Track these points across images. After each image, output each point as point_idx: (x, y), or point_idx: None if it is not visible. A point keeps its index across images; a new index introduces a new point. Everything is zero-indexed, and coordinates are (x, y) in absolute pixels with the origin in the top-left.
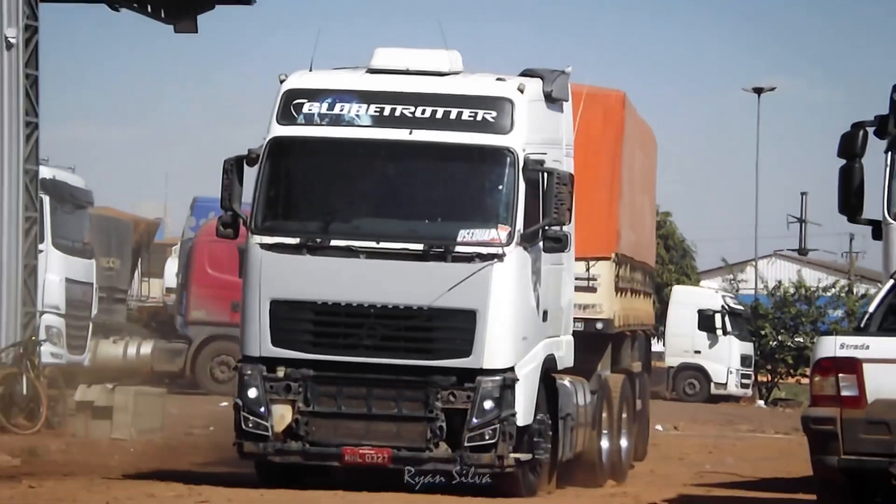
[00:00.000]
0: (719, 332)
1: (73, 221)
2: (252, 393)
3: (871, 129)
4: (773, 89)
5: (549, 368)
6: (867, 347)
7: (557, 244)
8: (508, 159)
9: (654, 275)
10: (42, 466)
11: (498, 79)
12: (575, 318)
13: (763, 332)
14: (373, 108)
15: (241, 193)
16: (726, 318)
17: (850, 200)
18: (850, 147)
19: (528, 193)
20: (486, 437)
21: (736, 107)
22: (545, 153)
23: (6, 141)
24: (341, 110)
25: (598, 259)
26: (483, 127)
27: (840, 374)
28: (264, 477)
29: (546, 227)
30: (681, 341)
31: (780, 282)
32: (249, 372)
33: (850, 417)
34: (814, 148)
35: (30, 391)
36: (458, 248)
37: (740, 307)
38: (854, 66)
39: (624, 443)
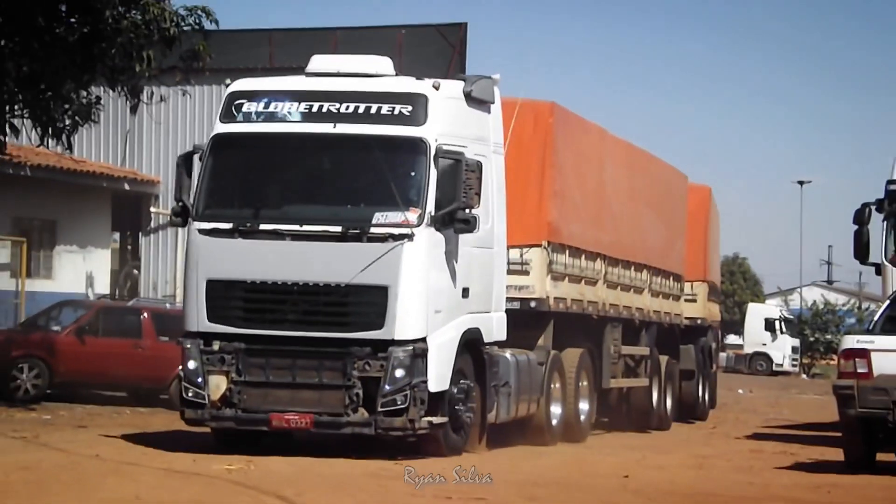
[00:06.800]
0: (778, 332)
1: None
2: (191, 365)
3: (873, 207)
4: (810, 181)
5: (474, 340)
6: (873, 342)
7: (466, 226)
8: (420, 148)
9: (679, 278)
10: None
11: (417, 79)
12: (512, 298)
13: (805, 332)
14: (303, 105)
15: (191, 186)
16: (782, 324)
17: (861, 251)
18: (860, 218)
19: (442, 180)
20: (398, 403)
21: (788, 191)
22: (465, 146)
23: None
24: (275, 108)
25: (529, 246)
26: (399, 120)
27: (856, 359)
28: (220, 442)
29: (456, 210)
30: (754, 338)
31: (815, 301)
32: (189, 346)
33: (862, 385)
34: (836, 217)
35: None
36: (373, 230)
37: (791, 317)
38: (862, 164)
39: (584, 407)
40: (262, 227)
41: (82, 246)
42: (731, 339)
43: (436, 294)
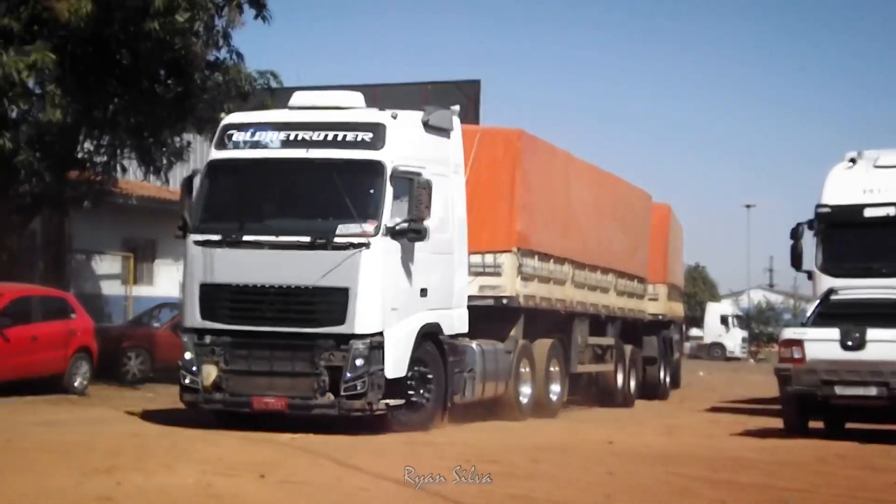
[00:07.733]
0: (731, 325)
1: None
2: (187, 356)
3: (806, 225)
4: (755, 205)
5: (434, 333)
6: (806, 334)
7: (417, 235)
8: (378, 169)
9: (643, 281)
10: None
11: (379, 110)
12: (486, 296)
13: (752, 325)
14: (282, 134)
15: (191, 204)
16: (734, 319)
17: (795, 261)
18: (795, 234)
19: (398, 196)
20: (358, 388)
21: (738, 213)
22: (423, 167)
23: None
24: (259, 137)
25: (501, 251)
26: (361, 146)
27: (793, 347)
28: (220, 421)
29: (409, 222)
30: (711, 330)
31: (759, 300)
32: (186, 339)
33: (797, 368)
34: (776, 234)
35: None
36: (336, 240)
37: (741, 313)
38: (797, 190)
39: (555, 388)
40: (245, 238)
41: (176, 259)
42: (694, 331)
43: (392, 294)
